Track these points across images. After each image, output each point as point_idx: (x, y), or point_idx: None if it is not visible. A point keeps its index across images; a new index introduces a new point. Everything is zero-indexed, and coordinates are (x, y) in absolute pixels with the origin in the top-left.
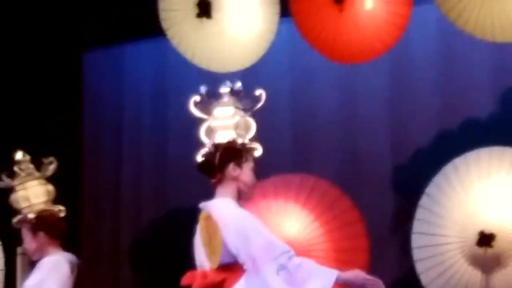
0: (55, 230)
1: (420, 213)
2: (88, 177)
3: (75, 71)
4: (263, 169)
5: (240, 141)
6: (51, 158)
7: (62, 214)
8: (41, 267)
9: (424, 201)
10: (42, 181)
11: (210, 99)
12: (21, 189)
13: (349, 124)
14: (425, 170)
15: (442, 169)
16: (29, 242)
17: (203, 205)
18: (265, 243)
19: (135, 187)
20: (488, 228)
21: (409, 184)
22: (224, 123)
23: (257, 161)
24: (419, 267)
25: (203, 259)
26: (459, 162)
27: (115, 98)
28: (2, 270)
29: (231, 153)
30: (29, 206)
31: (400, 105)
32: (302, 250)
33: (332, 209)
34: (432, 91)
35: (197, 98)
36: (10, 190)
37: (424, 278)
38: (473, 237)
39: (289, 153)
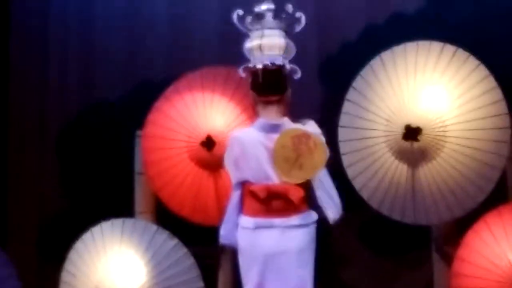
0: None
1: (347, 107)
2: (14, 69)
3: None
4: (190, 63)
5: (289, 66)
6: None
7: None
8: None
9: (351, 94)
10: None
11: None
12: None
13: None
14: (353, 64)
15: (369, 63)
16: None
17: (281, 122)
18: None
19: (62, 78)
20: (414, 122)
21: (337, 77)
22: (279, 44)
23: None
24: (346, 160)
25: (270, 173)
26: (386, 56)
27: None
28: None
29: (288, 77)
30: None
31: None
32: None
33: None
34: None
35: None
36: None
37: (351, 172)
38: (400, 130)
39: (216, 46)
